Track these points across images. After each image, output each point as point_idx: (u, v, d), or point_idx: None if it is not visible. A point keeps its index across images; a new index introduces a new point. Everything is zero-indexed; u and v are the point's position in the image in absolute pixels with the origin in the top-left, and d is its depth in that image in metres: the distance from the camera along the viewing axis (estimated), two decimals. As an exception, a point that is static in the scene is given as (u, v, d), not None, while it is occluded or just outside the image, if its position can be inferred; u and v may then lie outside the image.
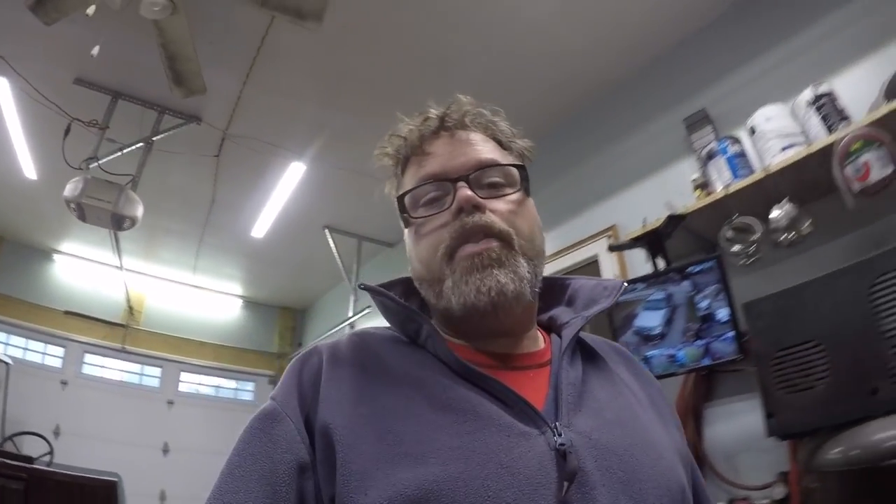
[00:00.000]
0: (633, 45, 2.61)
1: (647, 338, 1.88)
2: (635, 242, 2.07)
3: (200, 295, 5.12)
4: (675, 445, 0.60)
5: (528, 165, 0.70)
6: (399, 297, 0.64)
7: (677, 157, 2.41)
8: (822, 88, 1.79)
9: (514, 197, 0.64)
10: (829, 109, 1.75)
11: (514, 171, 0.66)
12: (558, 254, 2.68)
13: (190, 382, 4.88)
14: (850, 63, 1.92)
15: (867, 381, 1.24)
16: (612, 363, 0.67)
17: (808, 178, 1.71)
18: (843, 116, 1.72)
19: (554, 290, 0.73)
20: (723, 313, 1.73)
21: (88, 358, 4.33)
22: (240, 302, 5.46)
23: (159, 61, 2.31)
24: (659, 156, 2.49)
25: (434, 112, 0.68)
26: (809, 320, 1.39)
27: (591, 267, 2.57)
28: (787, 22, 2.16)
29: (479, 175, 0.63)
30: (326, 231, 4.12)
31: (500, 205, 0.62)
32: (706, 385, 1.92)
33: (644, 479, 0.52)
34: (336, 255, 4.17)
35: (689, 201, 2.04)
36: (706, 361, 1.74)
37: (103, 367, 4.41)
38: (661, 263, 1.98)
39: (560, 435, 0.51)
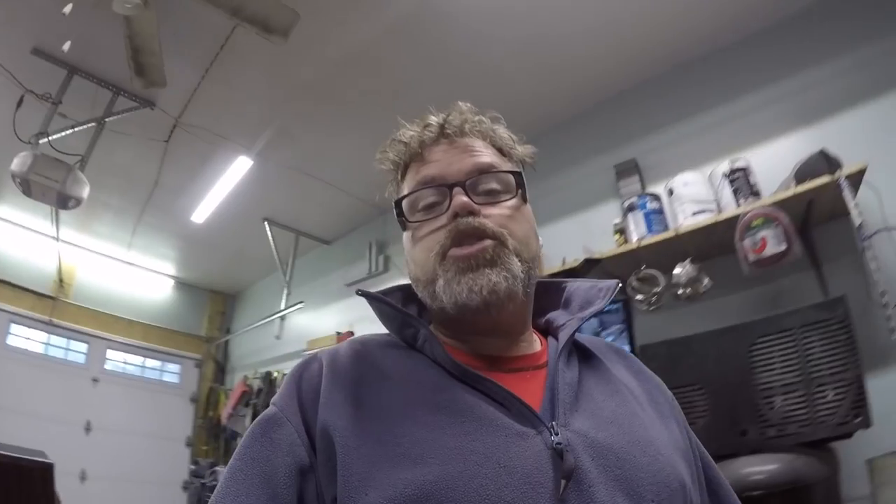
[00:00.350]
0: (575, 90, 2.86)
1: None
2: (554, 278, 2.30)
3: (133, 272, 5.01)
4: (674, 442, 0.61)
5: (528, 171, 0.72)
6: (397, 304, 0.66)
7: (603, 200, 2.67)
8: (739, 164, 2.07)
9: (511, 203, 0.65)
10: (740, 184, 2.03)
11: (511, 177, 0.67)
12: None
13: (116, 361, 4.78)
14: (771, 139, 2.21)
15: (738, 424, 1.54)
16: (609, 363, 0.68)
17: (715, 240, 1.98)
18: (753, 192, 1.99)
19: (550, 293, 0.74)
20: (625, 350, 2.02)
21: (14, 328, 4.17)
22: (172, 283, 5.37)
23: (121, 43, 2.32)
24: (586, 197, 2.75)
25: (434, 119, 0.69)
26: (695, 367, 1.66)
27: None
28: (720, 91, 2.44)
29: (475, 181, 0.64)
30: (266, 223, 4.18)
31: (496, 210, 0.63)
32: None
33: (641, 476, 0.53)
34: (273, 246, 4.24)
35: (609, 242, 2.30)
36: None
37: (29, 339, 4.25)
38: None
39: (557, 434, 0.52)
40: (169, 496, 4.54)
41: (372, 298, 0.65)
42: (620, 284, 0.71)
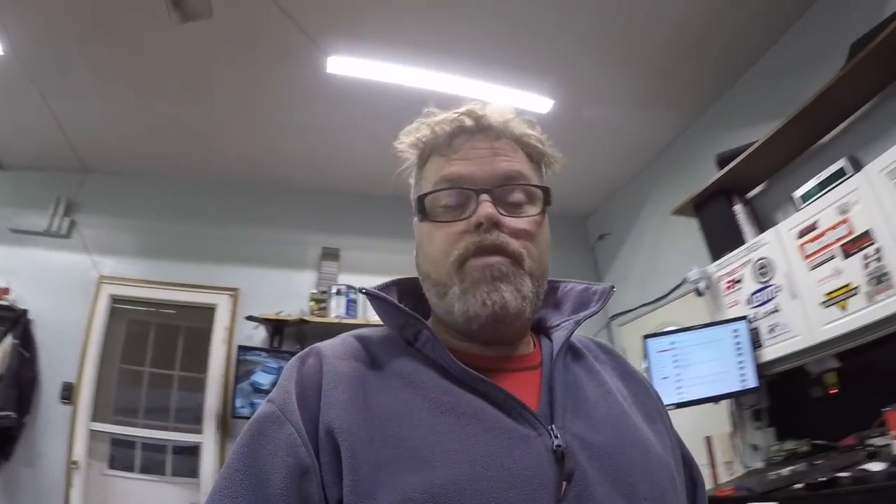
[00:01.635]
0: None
1: (257, 389, 2.75)
2: (267, 322, 3.04)
3: None
4: (662, 442, 0.63)
5: (556, 176, 0.70)
6: (395, 300, 0.64)
7: (306, 268, 3.50)
8: None
9: (534, 217, 0.63)
10: None
11: (539, 192, 0.65)
12: (184, 286, 3.21)
13: None
14: None
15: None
16: (599, 363, 0.69)
17: None
18: None
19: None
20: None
21: None
22: None
23: None
24: (293, 258, 3.50)
25: (469, 111, 0.66)
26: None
27: (207, 311, 3.23)
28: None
29: (503, 190, 0.62)
30: None
31: (519, 224, 0.62)
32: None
33: (635, 475, 0.55)
34: None
35: (303, 303, 3.21)
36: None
37: None
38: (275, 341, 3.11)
39: (556, 437, 0.54)
40: None
41: (375, 298, 0.64)
42: (613, 288, 0.72)
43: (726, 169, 2.77)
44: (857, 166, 2.32)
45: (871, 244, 2.08)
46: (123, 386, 2.96)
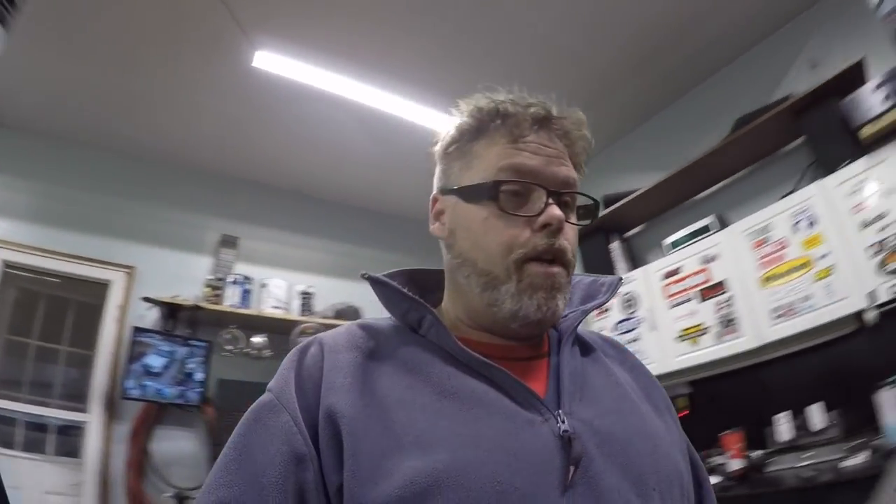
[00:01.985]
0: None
1: (149, 372, 2.81)
2: (164, 304, 3.04)
3: None
4: (671, 435, 0.62)
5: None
6: (402, 288, 0.63)
7: (204, 253, 3.48)
8: (309, 289, 3.53)
9: (577, 227, 0.64)
10: (308, 300, 3.47)
11: (592, 204, 0.67)
12: (80, 259, 3.06)
13: None
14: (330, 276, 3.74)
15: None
16: (606, 356, 0.69)
17: (283, 328, 3.17)
18: (312, 310, 3.47)
19: None
20: (199, 376, 2.95)
21: None
22: None
23: None
24: (192, 241, 3.46)
25: (544, 105, 0.63)
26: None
27: (100, 287, 3.11)
28: (307, 225, 3.82)
29: (569, 197, 0.62)
30: None
31: (571, 232, 0.62)
32: (162, 414, 2.92)
33: (644, 464, 0.54)
34: None
35: (197, 288, 3.22)
36: (179, 401, 2.87)
37: None
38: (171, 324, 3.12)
39: (563, 422, 0.53)
40: None
41: (378, 283, 0.63)
42: (622, 279, 0.72)
43: (610, 209, 3.11)
44: (723, 224, 2.70)
45: (725, 293, 2.47)
46: (8, 357, 2.82)
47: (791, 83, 2.64)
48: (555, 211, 0.59)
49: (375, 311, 0.62)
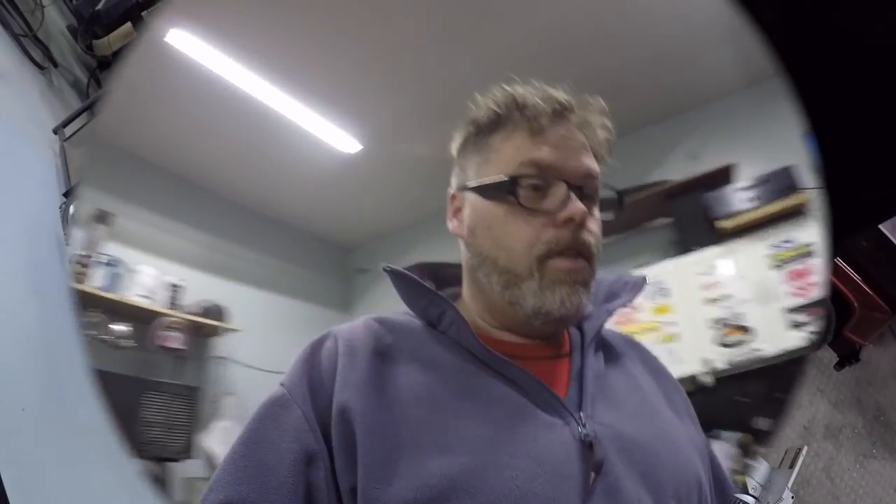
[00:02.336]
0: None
1: None
2: None
3: None
4: (692, 440, 0.60)
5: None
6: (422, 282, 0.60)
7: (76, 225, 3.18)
8: (181, 281, 2.98)
9: (601, 219, 0.60)
10: (176, 293, 3.00)
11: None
12: None
13: None
14: (204, 268, 3.11)
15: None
16: (627, 357, 0.66)
17: (147, 317, 2.67)
18: (178, 303, 2.93)
19: None
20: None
21: None
22: None
23: None
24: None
25: (566, 96, 0.59)
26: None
27: None
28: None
29: (590, 190, 0.58)
30: None
31: (594, 225, 0.58)
32: None
33: (663, 471, 0.52)
34: None
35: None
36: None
37: None
38: None
39: (584, 426, 0.51)
40: None
41: (398, 276, 0.60)
42: (647, 279, 0.69)
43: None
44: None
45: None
46: None
47: (668, 169, 2.95)
48: (577, 205, 0.55)
49: (241, 314, 0.59)
